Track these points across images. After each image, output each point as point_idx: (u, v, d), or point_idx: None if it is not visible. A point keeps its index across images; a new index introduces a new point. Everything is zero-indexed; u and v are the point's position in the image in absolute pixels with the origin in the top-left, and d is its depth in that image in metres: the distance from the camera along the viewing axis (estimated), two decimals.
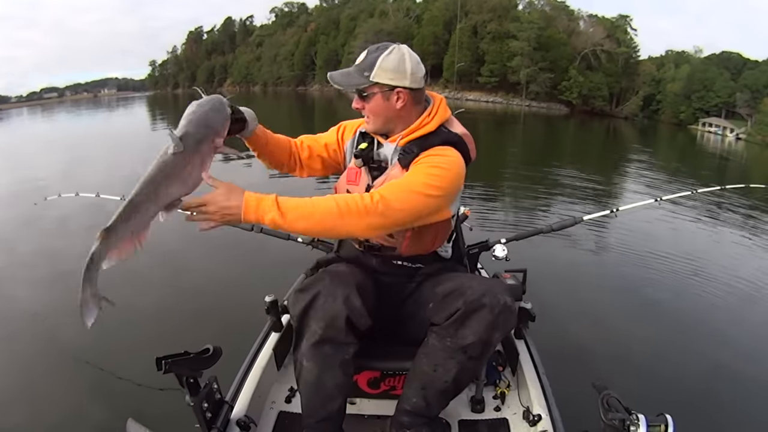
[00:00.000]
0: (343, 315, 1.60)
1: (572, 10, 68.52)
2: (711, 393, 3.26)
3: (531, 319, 2.36)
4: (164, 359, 1.52)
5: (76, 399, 3.04)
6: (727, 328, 4.16)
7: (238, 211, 1.39)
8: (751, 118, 47.92)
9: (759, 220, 8.66)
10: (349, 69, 1.70)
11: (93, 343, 3.61)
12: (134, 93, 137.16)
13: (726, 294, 5.00)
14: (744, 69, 54.03)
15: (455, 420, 2.03)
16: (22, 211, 6.74)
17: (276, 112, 37.47)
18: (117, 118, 40.79)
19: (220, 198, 1.37)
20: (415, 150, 1.68)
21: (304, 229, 1.51)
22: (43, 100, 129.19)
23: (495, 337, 1.64)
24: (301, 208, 1.45)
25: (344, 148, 1.95)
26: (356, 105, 1.74)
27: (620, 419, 1.35)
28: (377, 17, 74.39)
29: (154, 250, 5.36)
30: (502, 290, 1.62)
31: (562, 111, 59.08)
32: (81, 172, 11.22)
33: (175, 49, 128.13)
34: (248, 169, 11.96)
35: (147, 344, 3.57)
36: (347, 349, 1.67)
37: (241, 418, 1.86)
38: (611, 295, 4.87)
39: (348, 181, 1.84)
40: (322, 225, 1.48)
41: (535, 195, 9.77)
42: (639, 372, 3.35)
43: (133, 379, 3.14)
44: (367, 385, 2.08)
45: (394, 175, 1.70)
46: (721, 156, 28.80)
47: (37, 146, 19.91)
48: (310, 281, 1.70)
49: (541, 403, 1.95)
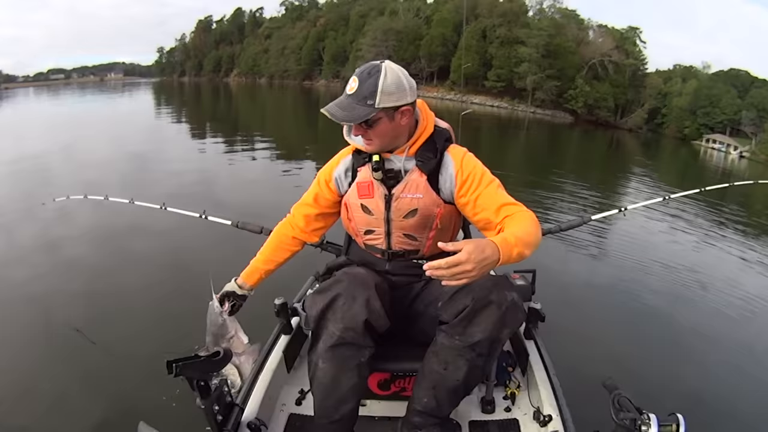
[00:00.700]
0: (362, 317, 1.63)
1: (582, 19, 68.29)
2: (723, 393, 3.27)
3: (541, 319, 2.37)
4: (174, 362, 1.49)
5: (87, 404, 3.04)
6: (741, 330, 4.16)
7: (495, 257, 1.37)
8: (756, 137, 47.87)
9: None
10: (344, 101, 1.65)
11: (106, 349, 3.64)
12: (141, 78, 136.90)
13: (740, 297, 5.03)
14: (751, 87, 53.94)
15: (465, 421, 2.04)
16: (30, 212, 6.63)
17: (281, 107, 37.39)
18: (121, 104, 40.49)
19: (475, 254, 1.32)
20: (430, 155, 1.75)
21: (530, 252, 1.50)
22: (50, 81, 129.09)
23: (504, 334, 1.65)
24: (526, 235, 1.50)
25: (335, 185, 1.91)
26: (358, 132, 1.70)
27: (631, 419, 1.36)
28: (387, 16, 74.08)
29: (163, 253, 5.43)
30: (509, 287, 1.64)
31: (567, 119, 58.79)
32: (85, 161, 11.23)
33: (184, 37, 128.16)
34: (253, 163, 12.01)
35: (156, 347, 3.56)
36: (364, 352, 1.70)
37: (251, 420, 1.86)
38: (621, 296, 4.88)
39: (361, 195, 1.82)
40: (537, 240, 1.56)
41: (542, 197, 9.76)
42: (650, 372, 3.36)
43: (144, 383, 3.15)
44: (377, 387, 2.07)
45: (414, 180, 1.75)
46: (723, 173, 28.75)
47: (42, 129, 19.78)
48: (329, 283, 1.72)
49: (551, 403, 1.96)
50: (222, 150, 14.21)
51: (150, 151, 12.70)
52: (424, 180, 1.75)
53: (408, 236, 1.84)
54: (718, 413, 3.00)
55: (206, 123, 23.10)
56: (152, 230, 5.72)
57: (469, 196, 1.72)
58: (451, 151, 1.78)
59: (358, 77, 1.64)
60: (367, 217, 1.84)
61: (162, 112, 29.66)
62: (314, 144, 14.01)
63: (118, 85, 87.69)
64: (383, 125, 1.67)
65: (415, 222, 1.79)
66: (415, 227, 1.81)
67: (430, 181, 1.76)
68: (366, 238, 1.91)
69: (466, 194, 1.72)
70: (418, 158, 1.76)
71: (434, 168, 1.76)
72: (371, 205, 1.81)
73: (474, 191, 1.71)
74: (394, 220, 1.81)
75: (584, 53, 62.35)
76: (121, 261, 5.27)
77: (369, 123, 1.66)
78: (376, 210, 1.81)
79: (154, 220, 5.53)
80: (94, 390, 3.15)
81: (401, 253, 1.88)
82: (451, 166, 1.75)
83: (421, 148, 1.77)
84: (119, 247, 5.64)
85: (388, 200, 1.78)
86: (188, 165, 11.00)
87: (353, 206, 1.86)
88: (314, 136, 14.40)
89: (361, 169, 1.83)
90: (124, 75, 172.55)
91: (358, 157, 1.85)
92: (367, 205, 1.82)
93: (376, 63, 1.66)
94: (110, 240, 5.83)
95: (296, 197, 2.02)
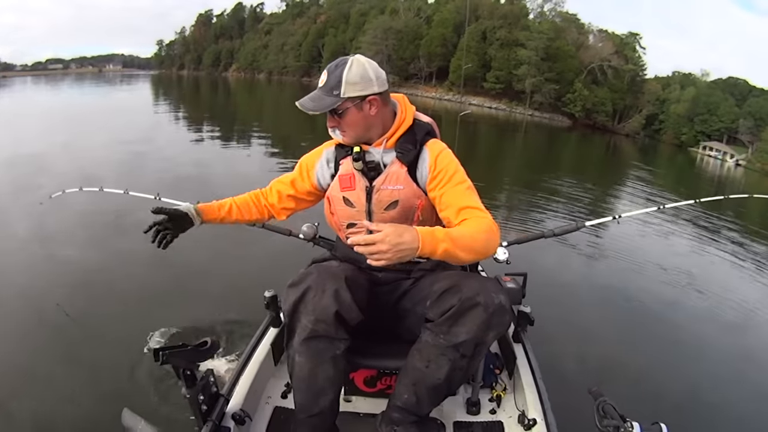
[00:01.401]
0: (332, 309, 1.62)
1: (583, 23, 68.68)
2: (707, 403, 3.27)
3: (530, 322, 2.37)
4: (162, 350, 1.52)
5: (71, 389, 3.04)
6: (726, 339, 4.17)
7: (414, 245, 1.39)
8: (753, 146, 48.08)
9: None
10: (315, 93, 1.73)
11: (91, 335, 3.66)
12: (139, 70, 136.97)
13: (724, 304, 5.05)
14: (749, 96, 54.26)
15: (450, 421, 2.04)
16: (28, 210, 6.52)
17: (279, 102, 37.36)
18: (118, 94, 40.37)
19: (392, 236, 1.36)
20: (409, 146, 1.78)
21: (467, 256, 1.52)
22: (48, 71, 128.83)
23: (489, 337, 1.63)
24: (465, 237, 1.51)
25: (315, 175, 1.95)
26: (332, 123, 1.77)
27: (615, 426, 1.37)
28: (388, 14, 74.14)
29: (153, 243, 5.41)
30: (497, 290, 1.62)
31: (564, 123, 58.97)
32: (80, 154, 11.16)
33: (184, 30, 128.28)
34: (248, 159, 12.01)
35: (144, 336, 3.61)
36: (338, 345, 1.69)
37: (236, 411, 1.86)
38: (611, 303, 4.89)
39: (343, 188, 1.84)
40: (484, 249, 1.56)
41: (537, 200, 9.79)
42: (636, 380, 3.37)
43: (129, 370, 3.18)
44: (363, 384, 2.09)
45: (395, 172, 1.77)
46: (719, 180, 28.88)
47: (39, 120, 19.70)
48: (300, 277, 1.71)
49: (536, 407, 1.96)
50: (218, 144, 14.24)
51: (145, 144, 12.64)
52: (404, 171, 1.77)
53: None
54: (703, 423, 3.00)
55: (203, 116, 23.13)
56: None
57: (437, 191, 1.73)
58: (429, 146, 1.80)
59: (327, 70, 1.72)
60: (349, 210, 1.85)
61: (159, 105, 29.57)
62: (311, 134, 14.02)
63: (117, 77, 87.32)
64: (352, 115, 1.72)
65: (396, 214, 1.79)
66: (396, 220, 1.78)
67: (410, 173, 1.77)
68: (348, 231, 1.89)
69: (435, 189, 1.74)
70: (397, 150, 1.78)
71: (413, 159, 1.77)
72: (353, 198, 1.82)
73: (442, 187, 1.72)
74: (375, 212, 1.81)
75: (584, 57, 62.60)
76: (111, 251, 5.27)
77: (339, 113, 1.72)
78: (357, 202, 1.82)
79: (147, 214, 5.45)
80: (78, 377, 3.15)
81: None
82: (427, 159, 1.76)
83: (399, 140, 1.79)
84: (111, 237, 5.65)
85: (369, 192, 1.79)
86: (182, 158, 10.97)
87: (335, 199, 1.87)
88: (311, 128, 14.36)
89: (343, 161, 1.86)
90: (122, 67, 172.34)
91: (340, 150, 1.88)
92: (349, 197, 1.83)
93: (345, 57, 1.73)
94: (103, 231, 5.85)
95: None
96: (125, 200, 3.59)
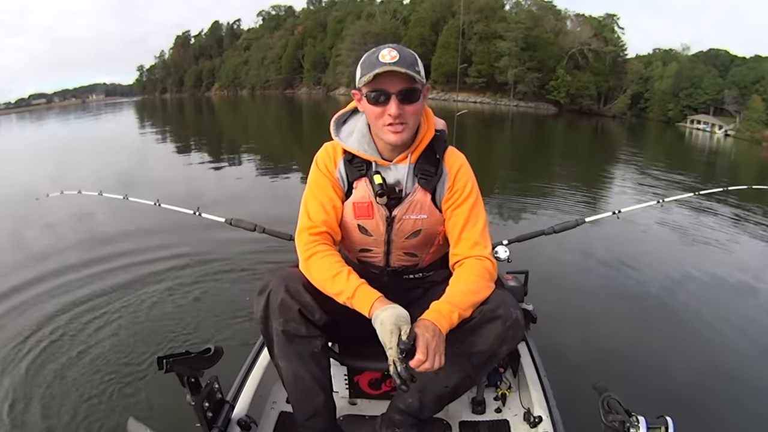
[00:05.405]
0: (295, 307, 1.56)
1: (559, 9, 69.03)
2: (712, 396, 3.25)
3: (533, 320, 2.39)
4: (166, 359, 1.52)
5: (76, 398, 3.02)
6: (730, 332, 4.12)
7: (442, 336, 1.43)
8: (740, 115, 48.27)
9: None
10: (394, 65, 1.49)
11: (95, 343, 3.65)
12: (122, 98, 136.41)
13: (729, 298, 5.01)
14: (731, 66, 54.45)
15: (456, 421, 2.05)
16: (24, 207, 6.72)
17: (264, 119, 37.30)
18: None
19: (432, 343, 1.38)
20: (431, 169, 1.70)
21: (472, 310, 1.54)
22: (32, 107, 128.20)
23: (502, 350, 1.62)
24: (465, 297, 1.54)
25: (337, 177, 1.73)
26: (397, 111, 1.53)
27: (620, 421, 1.36)
28: (364, 19, 74.33)
29: (158, 249, 5.45)
30: (515, 305, 1.61)
31: (550, 111, 59.23)
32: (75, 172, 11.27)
33: (163, 54, 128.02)
34: (240, 170, 11.98)
35: (149, 344, 3.62)
36: (314, 342, 1.65)
37: (242, 417, 1.87)
38: (613, 298, 4.86)
39: (358, 215, 1.70)
40: (482, 298, 1.57)
41: (533, 194, 9.75)
42: (640, 374, 3.35)
43: (134, 379, 3.17)
44: (368, 386, 2.10)
45: (419, 200, 1.69)
46: (710, 153, 28.89)
47: (33, 151, 19.70)
48: (262, 285, 1.63)
49: (541, 404, 1.97)
50: (207, 162, 14.15)
51: (136, 170, 12.58)
52: (428, 199, 1.70)
53: (408, 254, 1.81)
54: (709, 416, 2.97)
55: (190, 138, 23.06)
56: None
57: (449, 210, 1.70)
58: (448, 160, 1.73)
59: (392, 47, 1.53)
60: (365, 237, 1.76)
61: (146, 131, 29.49)
62: (299, 147, 13.94)
63: (101, 106, 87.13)
64: (421, 102, 1.59)
65: (418, 242, 1.76)
66: (417, 246, 1.77)
67: (433, 198, 1.71)
68: (361, 255, 1.84)
69: (448, 207, 1.70)
70: (419, 172, 1.69)
71: (436, 184, 1.71)
72: (370, 227, 1.73)
73: (455, 209, 1.70)
74: (395, 241, 1.75)
75: (563, 43, 62.94)
76: (115, 257, 5.30)
77: (416, 95, 1.56)
78: (375, 231, 1.74)
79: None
80: (83, 387, 3.13)
81: (400, 270, 1.84)
82: (446, 178, 1.71)
83: (421, 156, 1.69)
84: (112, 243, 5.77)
85: (390, 222, 1.71)
86: (175, 181, 10.86)
87: (349, 226, 1.74)
88: (299, 141, 14.35)
89: (357, 185, 1.71)
90: (105, 96, 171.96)
91: (352, 169, 1.71)
92: (366, 226, 1.73)
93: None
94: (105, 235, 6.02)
95: (288, 198, 1.97)
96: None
